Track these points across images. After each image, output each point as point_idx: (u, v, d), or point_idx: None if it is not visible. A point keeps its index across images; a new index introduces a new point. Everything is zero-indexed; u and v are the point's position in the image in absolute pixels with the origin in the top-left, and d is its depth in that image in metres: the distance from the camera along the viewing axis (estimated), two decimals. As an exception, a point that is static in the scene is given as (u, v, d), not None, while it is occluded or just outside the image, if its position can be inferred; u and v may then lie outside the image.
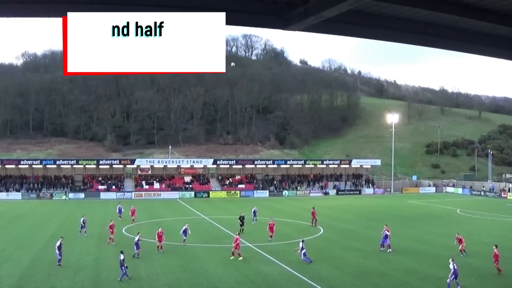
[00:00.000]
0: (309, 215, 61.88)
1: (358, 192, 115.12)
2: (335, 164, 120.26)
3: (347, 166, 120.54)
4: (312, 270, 36.22)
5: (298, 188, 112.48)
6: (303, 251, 38.06)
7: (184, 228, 45.84)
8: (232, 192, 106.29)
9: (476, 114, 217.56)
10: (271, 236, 48.57)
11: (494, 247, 36.33)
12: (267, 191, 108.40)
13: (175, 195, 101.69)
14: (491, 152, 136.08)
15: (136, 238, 39.60)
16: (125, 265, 32.31)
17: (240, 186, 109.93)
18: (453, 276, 30.70)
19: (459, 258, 38.81)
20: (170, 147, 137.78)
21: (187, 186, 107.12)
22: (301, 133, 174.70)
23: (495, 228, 58.45)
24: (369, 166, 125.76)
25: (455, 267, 30.84)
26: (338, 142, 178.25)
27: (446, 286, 30.28)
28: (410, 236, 52.33)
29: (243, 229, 51.48)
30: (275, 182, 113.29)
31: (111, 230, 45.41)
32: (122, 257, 32.57)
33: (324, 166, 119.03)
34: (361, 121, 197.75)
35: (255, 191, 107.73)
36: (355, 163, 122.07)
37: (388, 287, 32.18)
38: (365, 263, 38.99)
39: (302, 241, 38.69)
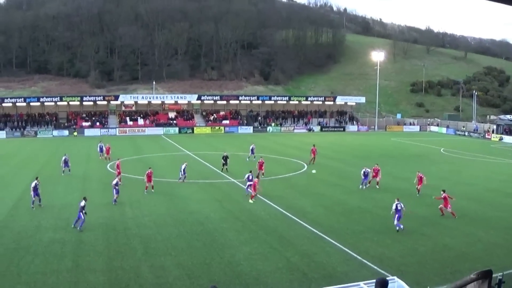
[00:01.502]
0: (293, 152, 62.24)
1: (342, 129, 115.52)
2: (320, 100, 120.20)
3: (332, 103, 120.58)
4: (296, 206, 36.50)
5: (283, 124, 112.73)
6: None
7: (183, 166, 45.84)
8: (217, 128, 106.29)
9: (462, 54, 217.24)
10: (263, 174, 48.44)
11: (442, 192, 35.30)
12: (251, 127, 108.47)
13: (159, 131, 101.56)
14: (475, 93, 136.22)
15: (114, 182, 37.58)
16: (85, 211, 30.13)
17: (224, 122, 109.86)
18: (397, 216, 30.92)
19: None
20: (154, 83, 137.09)
21: (171, 122, 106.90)
22: (286, 69, 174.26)
23: (478, 169, 58.80)
24: (354, 103, 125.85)
25: (398, 208, 30.99)
26: (322, 78, 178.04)
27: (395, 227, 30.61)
28: (393, 174, 52.68)
29: (227, 168, 51.02)
30: (260, 118, 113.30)
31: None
32: (83, 203, 30.19)
33: (309, 102, 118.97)
34: (346, 58, 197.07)
35: (239, 127, 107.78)
36: (340, 100, 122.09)
37: (370, 223, 32.48)
38: (348, 200, 39.31)
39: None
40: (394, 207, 31.20)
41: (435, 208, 36.12)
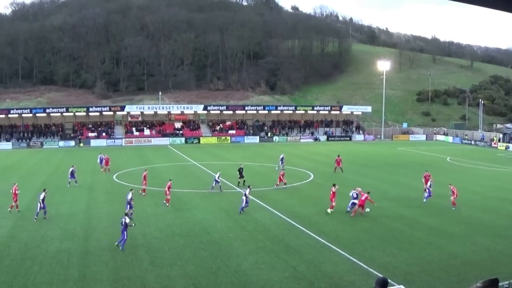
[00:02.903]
0: (299, 161, 62.32)
1: (348, 138, 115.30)
2: (326, 110, 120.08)
3: (338, 112, 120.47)
4: (302, 216, 36.53)
5: (289, 133, 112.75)
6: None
7: (217, 175, 46.47)
8: (223, 138, 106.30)
9: (468, 63, 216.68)
10: (285, 184, 48.68)
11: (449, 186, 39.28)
12: (258, 137, 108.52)
13: (165, 141, 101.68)
14: (482, 102, 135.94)
15: (129, 196, 36.25)
16: (133, 224, 30.01)
17: (230, 132, 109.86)
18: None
19: (447, 205, 39.42)
20: (160, 93, 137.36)
21: (178, 132, 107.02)
22: (292, 79, 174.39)
23: (485, 178, 58.61)
24: (360, 113, 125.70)
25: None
26: (329, 88, 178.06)
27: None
28: (400, 183, 52.71)
29: (244, 181, 49.48)
30: (266, 128, 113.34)
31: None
32: (127, 219, 29.09)
33: (315, 112, 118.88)
34: (352, 68, 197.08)
35: (245, 137, 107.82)
36: (346, 110, 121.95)
37: (377, 232, 32.50)
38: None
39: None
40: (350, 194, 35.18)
41: (442, 217, 36.27)
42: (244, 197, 37.78)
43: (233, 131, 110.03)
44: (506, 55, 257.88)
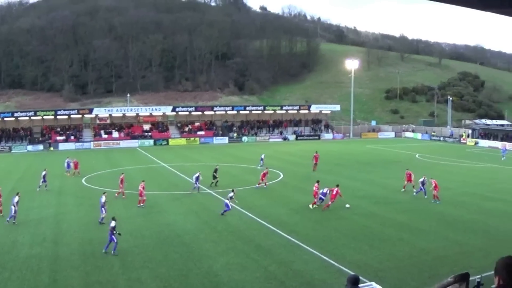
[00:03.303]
0: (268, 161, 62.31)
1: (317, 137, 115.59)
2: (295, 109, 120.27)
3: (307, 111, 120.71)
4: (273, 215, 36.51)
5: (258, 133, 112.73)
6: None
7: (197, 175, 46.20)
8: (192, 139, 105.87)
9: (436, 61, 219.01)
10: (265, 184, 48.78)
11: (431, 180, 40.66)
12: (227, 138, 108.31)
13: (134, 143, 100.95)
14: (450, 99, 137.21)
15: (103, 200, 35.68)
16: (117, 232, 28.49)
17: (199, 133, 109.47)
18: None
19: (418, 201, 39.68)
20: (128, 95, 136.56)
21: (146, 134, 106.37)
22: (260, 79, 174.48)
23: (455, 174, 59.15)
24: (329, 112, 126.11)
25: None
26: (297, 87, 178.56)
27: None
28: (370, 180, 52.96)
29: (217, 181, 49.36)
30: (235, 128, 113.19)
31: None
32: (113, 224, 28.56)
33: (284, 111, 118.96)
34: (320, 67, 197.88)
35: (214, 138, 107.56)
36: (315, 109, 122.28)
37: (347, 230, 32.59)
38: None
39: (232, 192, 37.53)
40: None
41: (412, 214, 36.57)
42: (227, 201, 37.48)
43: (202, 132, 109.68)
44: (474, 51, 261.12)
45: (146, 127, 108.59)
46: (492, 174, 60.17)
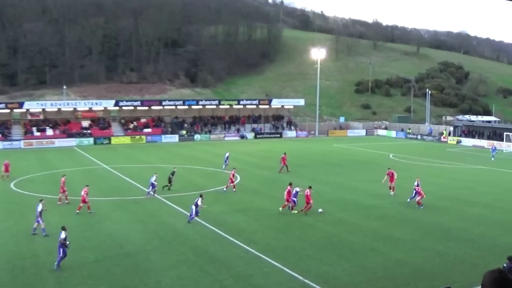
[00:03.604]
0: (222, 162, 62.41)
1: (279, 135, 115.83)
2: (253, 104, 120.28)
3: (267, 106, 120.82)
4: (229, 223, 36.48)
5: (212, 131, 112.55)
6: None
7: (154, 178, 45.81)
8: (137, 137, 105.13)
9: (413, 49, 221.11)
10: (234, 186, 48.96)
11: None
12: (177, 136, 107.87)
13: (71, 142, 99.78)
14: (429, 92, 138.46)
15: (39, 208, 34.34)
16: (68, 242, 28.01)
17: (146, 130, 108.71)
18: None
19: (392, 207, 39.98)
20: (65, 87, 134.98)
21: (85, 131, 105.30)
22: (215, 69, 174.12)
23: (434, 176, 59.49)
24: (292, 107, 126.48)
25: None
26: (256, 79, 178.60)
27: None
28: (337, 184, 53.24)
29: (169, 186, 49.12)
30: (186, 125, 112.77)
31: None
32: (63, 235, 27.98)
33: (241, 106, 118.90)
34: (283, 57, 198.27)
35: (163, 136, 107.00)
36: (276, 103, 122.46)
37: (313, 239, 32.70)
38: (286, 214, 39.43)
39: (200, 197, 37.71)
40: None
41: (386, 221, 36.79)
42: (193, 206, 37.04)
43: (149, 130, 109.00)
44: (458, 39, 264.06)
45: (85, 123, 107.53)
46: (477, 176, 60.93)
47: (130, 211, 40.90)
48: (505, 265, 22.98)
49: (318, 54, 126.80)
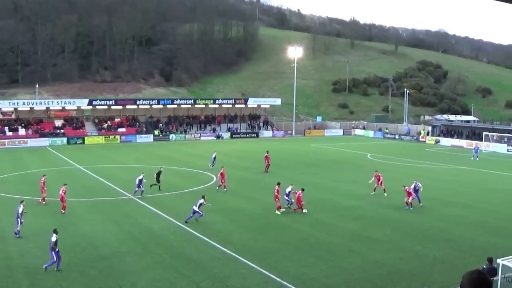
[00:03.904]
0: (199, 162, 62.30)
1: (255, 135, 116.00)
2: (229, 103, 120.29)
3: (243, 106, 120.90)
4: (205, 224, 36.42)
5: (187, 131, 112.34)
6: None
7: (140, 177, 45.76)
8: (111, 137, 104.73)
9: (391, 48, 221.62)
10: (224, 186, 49.04)
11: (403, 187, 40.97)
12: (152, 135, 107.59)
13: (44, 142, 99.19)
14: (407, 91, 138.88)
15: (20, 210, 34.12)
16: (57, 249, 27.55)
17: (120, 130, 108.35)
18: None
19: (370, 207, 40.12)
20: (37, 86, 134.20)
21: (58, 131, 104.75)
22: (190, 68, 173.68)
23: (412, 176, 59.33)
24: (268, 106, 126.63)
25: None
26: (232, 78, 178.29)
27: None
28: (314, 184, 53.26)
29: (159, 186, 49.26)
30: (161, 124, 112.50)
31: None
32: (54, 238, 27.77)
33: (217, 106, 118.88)
34: (259, 55, 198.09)
35: (137, 136, 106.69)
36: (252, 103, 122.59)
37: (290, 240, 32.72)
38: (263, 215, 39.53)
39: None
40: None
41: (363, 221, 36.90)
42: (195, 207, 37.03)
43: (123, 129, 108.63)
44: (436, 37, 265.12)
45: (58, 123, 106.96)
46: (456, 176, 61.24)
47: (104, 212, 40.70)
48: (484, 266, 23.18)
49: (294, 52, 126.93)
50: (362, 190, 47.22)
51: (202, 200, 37.79)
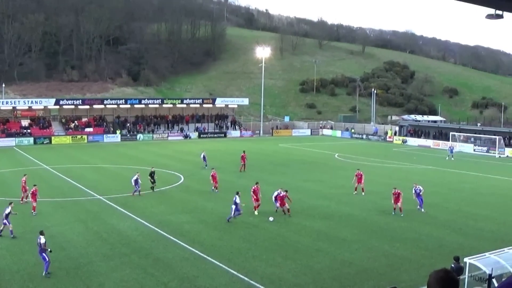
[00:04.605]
0: (167, 162, 62.08)
1: (223, 135, 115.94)
2: (197, 103, 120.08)
3: (211, 105, 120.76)
4: (173, 224, 36.33)
5: (155, 131, 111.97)
6: None
7: (135, 177, 45.63)
8: (78, 137, 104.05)
9: (359, 49, 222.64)
10: (215, 187, 48.89)
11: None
12: (119, 135, 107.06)
13: (10, 142, 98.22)
14: (375, 91, 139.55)
15: (7, 211, 33.78)
16: (49, 249, 27.35)
17: (87, 129, 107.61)
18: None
19: (338, 207, 40.25)
20: (3, 85, 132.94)
21: (25, 131, 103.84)
22: (158, 68, 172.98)
23: (380, 176, 59.94)
24: (236, 106, 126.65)
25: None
26: (200, 78, 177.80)
27: None
28: (283, 184, 53.20)
29: (153, 187, 48.76)
30: (128, 124, 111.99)
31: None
32: (43, 239, 27.35)
33: (185, 105, 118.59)
34: (227, 55, 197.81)
35: (105, 135, 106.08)
36: (220, 102, 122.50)
37: (258, 240, 32.76)
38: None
39: None
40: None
41: (331, 221, 37.04)
42: (234, 205, 36.95)
43: (91, 129, 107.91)
44: (404, 38, 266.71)
45: (25, 123, 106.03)
46: (424, 176, 61.45)
47: (72, 212, 40.35)
48: (452, 265, 23.40)
49: (262, 52, 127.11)
50: (329, 190, 47.41)
51: (237, 197, 37.61)
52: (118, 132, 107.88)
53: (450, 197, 48.16)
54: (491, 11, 17.78)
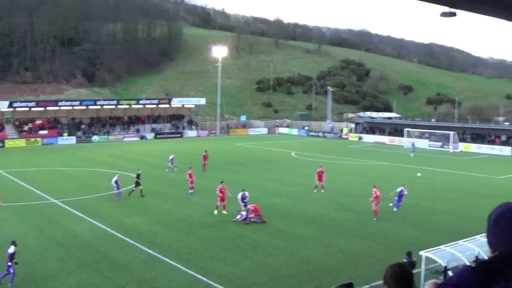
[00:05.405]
0: (123, 163, 61.78)
1: (179, 135, 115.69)
2: (153, 104, 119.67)
3: (167, 106, 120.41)
4: (129, 226, 36.22)
5: (110, 132, 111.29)
6: None
7: (115, 179, 45.43)
8: (32, 139, 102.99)
9: (315, 47, 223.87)
10: (192, 188, 48.66)
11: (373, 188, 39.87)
12: (74, 137, 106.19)
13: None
14: (330, 89, 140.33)
15: None
16: (14, 260, 26.25)
17: (41, 132, 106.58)
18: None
19: (294, 205, 40.40)
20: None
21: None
22: (113, 68, 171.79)
23: (336, 173, 60.32)
24: (192, 106, 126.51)
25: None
26: (156, 78, 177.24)
27: None
28: (239, 183, 53.28)
29: (141, 190, 47.42)
30: (83, 126, 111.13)
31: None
32: (12, 249, 26.52)
33: (140, 106, 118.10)
34: (183, 55, 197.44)
35: (59, 138, 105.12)
36: (176, 103, 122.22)
37: (215, 240, 32.82)
38: (189, 215, 39.48)
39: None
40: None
41: (288, 219, 37.19)
42: (245, 206, 37.24)
43: (45, 132, 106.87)
44: (359, 37, 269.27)
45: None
46: (381, 172, 62.28)
47: (25, 216, 39.97)
48: (405, 260, 23.67)
49: (219, 52, 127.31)
50: (286, 188, 47.59)
51: (245, 195, 38.01)
52: (65, 134, 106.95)
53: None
54: (446, 9, 18.05)
